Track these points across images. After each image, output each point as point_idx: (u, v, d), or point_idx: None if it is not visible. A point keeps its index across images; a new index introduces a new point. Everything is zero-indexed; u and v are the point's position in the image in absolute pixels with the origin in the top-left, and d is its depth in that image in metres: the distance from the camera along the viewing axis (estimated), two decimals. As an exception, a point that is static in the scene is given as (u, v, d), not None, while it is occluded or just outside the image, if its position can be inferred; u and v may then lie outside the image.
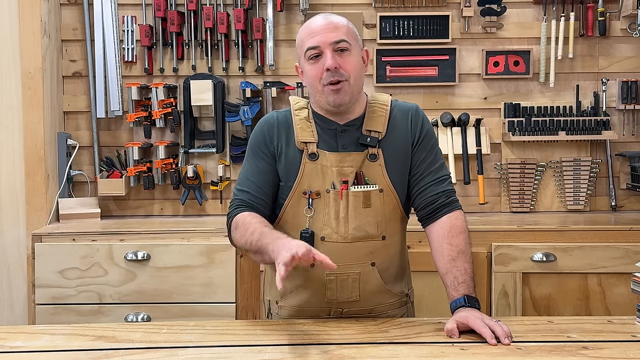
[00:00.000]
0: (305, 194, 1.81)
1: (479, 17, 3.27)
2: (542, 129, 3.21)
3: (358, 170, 1.81)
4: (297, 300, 1.87)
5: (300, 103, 1.92)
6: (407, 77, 3.26)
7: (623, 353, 1.51)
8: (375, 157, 1.83)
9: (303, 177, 1.81)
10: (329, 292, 1.83)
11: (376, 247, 1.84)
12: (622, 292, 2.75)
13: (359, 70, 1.82)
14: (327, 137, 1.84)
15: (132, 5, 3.30)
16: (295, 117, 1.88)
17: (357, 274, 1.82)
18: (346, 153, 1.82)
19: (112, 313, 2.81)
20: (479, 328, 1.59)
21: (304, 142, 1.83)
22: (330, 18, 1.81)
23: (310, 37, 1.79)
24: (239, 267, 2.84)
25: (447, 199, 1.84)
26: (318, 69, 1.78)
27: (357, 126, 1.85)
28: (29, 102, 3.08)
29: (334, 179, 1.81)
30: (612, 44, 3.29)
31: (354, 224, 1.80)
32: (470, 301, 1.69)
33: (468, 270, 1.74)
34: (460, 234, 1.79)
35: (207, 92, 3.17)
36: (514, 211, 3.28)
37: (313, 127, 1.85)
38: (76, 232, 2.87)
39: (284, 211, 1.85)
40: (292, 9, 3.29)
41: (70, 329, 1.76)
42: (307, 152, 1.82)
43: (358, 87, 1.83)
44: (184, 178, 3.26)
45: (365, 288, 1.84)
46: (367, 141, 1.82)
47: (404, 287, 1.95)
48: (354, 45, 1.81)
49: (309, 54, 1.79)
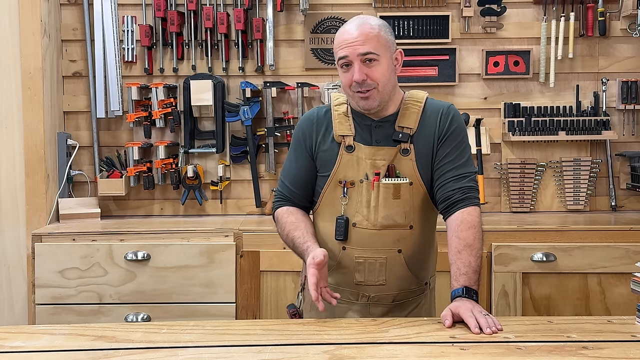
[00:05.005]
0: (341, 183, 1.94)
1: (479, 17, 3.27)
2: (542, 129, 3.21)
3: (390, 163, 1.92)
4: (332, 279, 1.98)
5: (340, 99, 2.03)
6: (407, 77, 3.26)
7: (623, 353, 1.51)
8: (408, 152, 1.93)
9: (340, 167, 1.94)
10: (357, 274, 1.95)
11: (403, 235, 1.93)
12: (622, 292, 2.75)
13: (387, 77, 1.90)
14: (362, 132, 1.95)
15: (132, 5, 3.30)
16: (334, 112, 2.00)
17: (384, 259, 1.93)
18: (379, 147, 1.93)
19: (112, 313, 2.81)
20: (466, 318, 1.68)
21: (342, 135, 1.95)
22: (362, 28, 1.88)
23: (341, 47, 1.89)
24: (239, 267, 2.84)
25: (463, 195, 1.89)
26: (348, 77, 1.89)
27: (390, 122, 1.95)
28: (29, 102, 3.08)
29: (367, 171, 1.92)
30: (612, 44, 3.29)
31: (384, 213, 1.91)
32: (469, 292, 1.76)
33: (472, 264, 1.80)
34: (469, 229, 1.84)
35: (207, 92, 3.17)
36: (514, 211, 3.28)
37: (350, 122, 1.97)
38: (76, 232, 2.87)
39: (321, 198, 1.98)
40: (292, 9, 3.29)
41: (70, 329, 1.76)
42: (345, 145, 1.94)
43: (387, 91, 1.92)
44: (184, 178, 3.26)
45: (391, 273, 1.95)
46: (399, 137, 1.92)
47: (427, 275, 2.03)
48: (383, 53, 1.89)
49: (340, 62, 1.90)
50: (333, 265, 1.97)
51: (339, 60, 1.90)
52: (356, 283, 1.96)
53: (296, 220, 1.98)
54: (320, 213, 2.01)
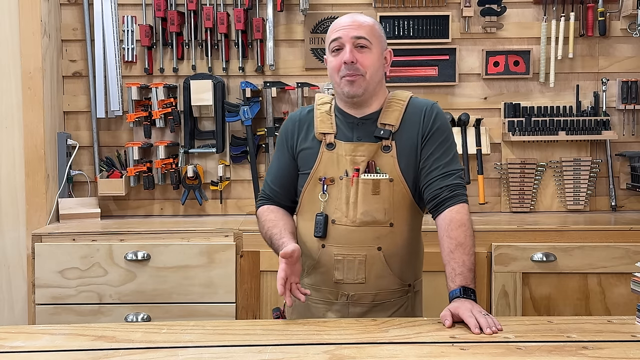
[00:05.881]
0: (321, 180, 1.94)
1: (479, 17, 3.27)
2: (542, 129, 3.21)
3: (370, 160, 1.92)
4: (312, 279, 1.98)
5: (324, 99, 2.05)
6: (407, 77, 3.26)
7: (623, 353, 1.51)
8: (389, 149, 1.92)
9: (320, 165, 1.95)
10: (336, 272, 1.93)
11: (383, 233, 1.92)
12: (622, 292, 2.75)
13: (376, 67, 1.92)
14: (345, 130, 1.96)
15: (132, 5, 3.30)
16: (317, 110, 2.01)
17: (364, 256, 1.92)
18: (359, 143, 1.93)
19: (112, 313, 2.81)
20: (465, 318, 1.68)
21: (323, 132, 1.96)
22: (356, 17, 1.95)
23: (335, 30, 1.92)
24: (239, 267, 2.84)
25: (450, 193, 1.88)
26: (338, 61, 1.90)
27: (373, 120, 1.96)
28: (29, 102, 3.08)
29: (347, 167, 1.92)
30: (612, 44, 3.29)
31: (362, 209, 1.90)
32: (466, 292, 1.76)
33: (466, 262, 1.80)
34: (459, 227, 1.84)
35: (207, 92, 3.17)
36: (514, 211, 3.28)
37: (333, 120, 1.98)
38: (76, 232, 2.87)
39: (302, 197, 1.99)
40: (292, 9, 3.29)
41: (70, 329, 1.76)
42: (325, 142, 1.96)
43: (374, 82, 1.93)
44: (184, 178, 3.26)
45: (370, 271, 1.93)
46: (381, 134, 1.93)
47: (410, 277, 2.00)
48: (375, 43, 1.92)
49: (332, 45, 1.92)
50: (312, 264, 1.97)
51: (331, 44, 1.91)
52: (335, 282, 1.94)
53: (275, 218, 2.00)
54: (302, 212, 2.01)
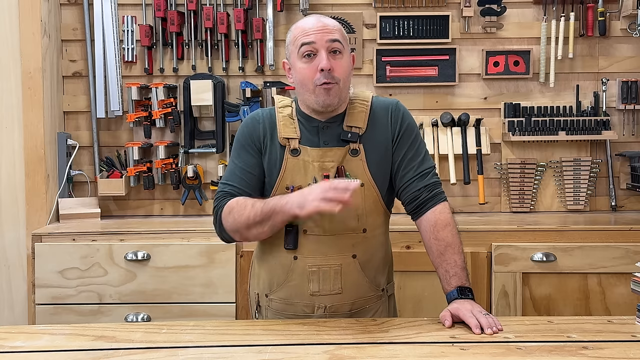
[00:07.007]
0: (288, 189, 1.84)
1: (479, 17, 3.27)
2: (542, 129, 3.21)
3: (339, 165, 1.85)
4: (284, 292, 1.90)
5: (285, 101, 1.95)
6: (407, 77, 3.26)
7: (623, 353, 1.52)
8: (357, 152, 1.86)
9: (285, 173, 1.85)
10: (312, 284, 1.86)
11: (357, 240, 1.87)
12: (622, 292, 2.75)
13: (348, 74, 1.86)
14: (309, 134, 1.87)
15: (132, 5, 3.30)
16: (279, 114, 1.90)
17: (339, 265, 1.86)
18: (327, 148, 1.85)
19: (112, 313, 2.81)
20: (466, 318, 1.67)
21: (287, 137, 1.86)
22: (323, 19, 1.85)
23: (306, 34, 1.80)
24: (239, 267, 2.84)
25: (430, 193, 1.86)
26: (311, 68, 1.80)
27: (338, 122, 1.88)
28: (29, 102, 3.08)
29: (316, 174, 1.84)
30: (612, 44, 3.29)
31: (335, 217, 1.79)
32: (463, 292, 1.75)
33: (458, 262, 1.79)
34: (445, 228, 1.83)
35: (207, 92, 3.17)
36: (514, 211, 3.28)
37: (296, 124, 1.88)
38: (76, 232, 2.87)
39: None
40: (292, 9, 3.29)
41: (70, 329, 1.76)
42: (290, 148, 1.86)
43: (346, 89, 1.86)
44: (184, 178, 3.26)
45: (347, 280, 1.87)
46: (348, 137, 1.85)
47: (383, 281, 1.98)
48: (346, 47, 1.85)
49: (303, 50, 1.80)
50: (284, 278, 1.88)
51: (302, 48, 1.79)
52: (311, 294, 1.86)
53: (252, 199, 1.80)
54: None
